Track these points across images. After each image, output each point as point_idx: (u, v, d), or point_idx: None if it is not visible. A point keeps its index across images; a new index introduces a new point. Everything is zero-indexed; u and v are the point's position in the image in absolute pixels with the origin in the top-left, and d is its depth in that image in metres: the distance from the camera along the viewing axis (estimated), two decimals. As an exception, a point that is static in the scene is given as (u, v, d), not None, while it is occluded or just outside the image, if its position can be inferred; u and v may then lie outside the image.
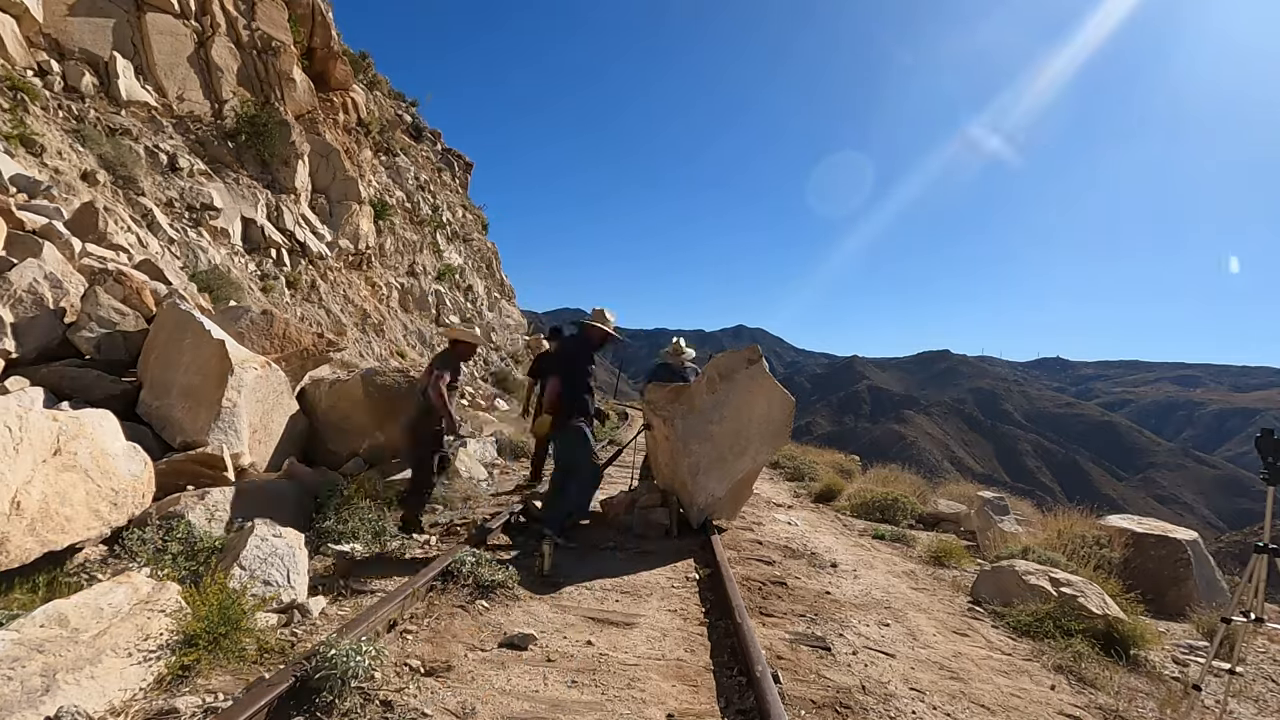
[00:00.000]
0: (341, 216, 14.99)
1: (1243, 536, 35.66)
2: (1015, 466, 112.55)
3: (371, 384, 6.23)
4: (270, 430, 5.54)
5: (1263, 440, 3.10)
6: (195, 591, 2.88)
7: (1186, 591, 5.48)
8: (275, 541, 3.48)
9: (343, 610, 3.50)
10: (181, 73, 11.71)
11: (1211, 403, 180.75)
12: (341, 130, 16.28)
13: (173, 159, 10.61)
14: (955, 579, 5.60)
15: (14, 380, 4.59)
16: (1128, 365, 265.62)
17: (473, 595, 3.79)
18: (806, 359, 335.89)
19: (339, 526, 4.53)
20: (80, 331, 5.19)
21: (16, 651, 2.31)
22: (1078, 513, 6.95)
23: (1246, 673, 4.06)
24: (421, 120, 23.94)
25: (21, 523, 3.12)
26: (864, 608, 4.44)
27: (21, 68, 9.12)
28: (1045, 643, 4.08)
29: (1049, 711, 3.15)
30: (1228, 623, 3.19)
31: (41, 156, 8.23)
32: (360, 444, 6.21)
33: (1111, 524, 6.25)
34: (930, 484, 10.77)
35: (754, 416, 5.94)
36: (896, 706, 2.96)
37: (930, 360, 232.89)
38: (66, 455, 3.43)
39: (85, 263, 6.10)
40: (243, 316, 6.14)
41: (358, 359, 12.34)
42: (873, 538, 7.09)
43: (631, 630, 3.60)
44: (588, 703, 2.73)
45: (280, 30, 13.91)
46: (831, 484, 9.99)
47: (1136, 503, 77.84)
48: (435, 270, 20.07)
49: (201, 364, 4.94)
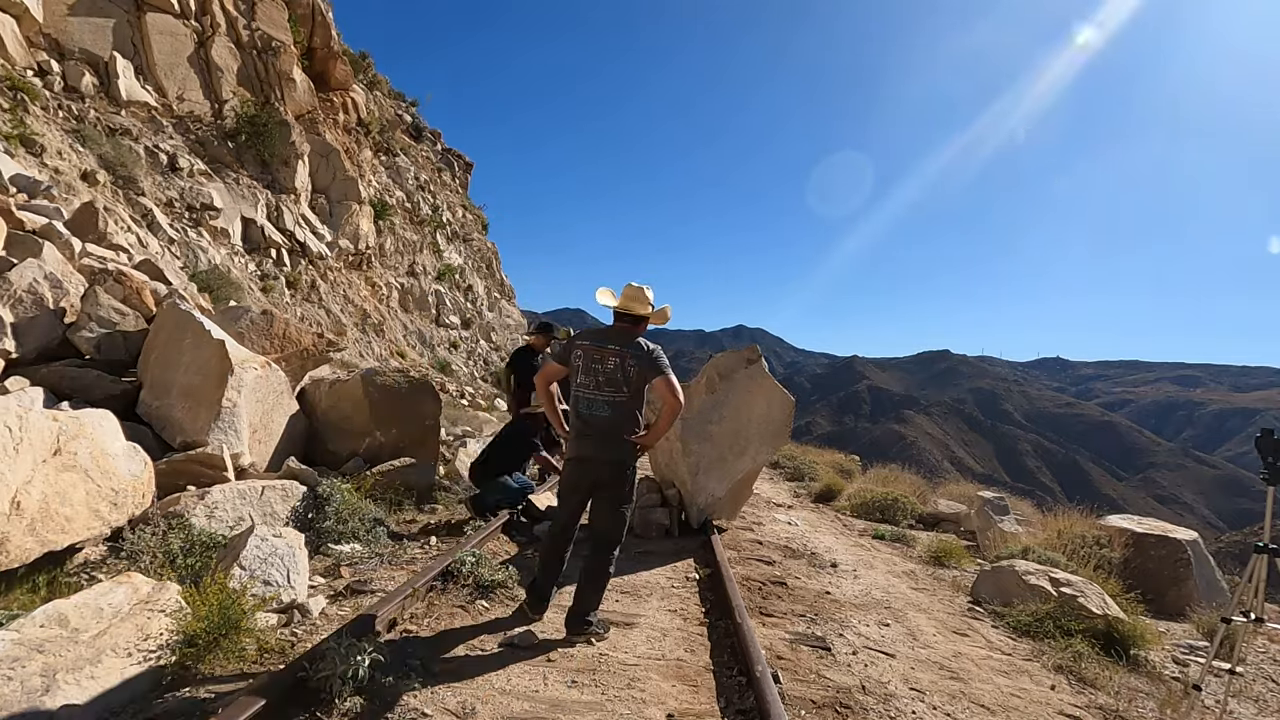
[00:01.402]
0: (341, 216, 14.99)
1: (1243, 536, 35.66)
2: (1015, 466, 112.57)
3: (371, 384, 6.23)
4: (270, 430, 5.54)
5: (1263, 440, 3.10)
6: (195, 591, 2.88)
7: (1186, 591, 5.48)
8: (275, 541, 3.48)
9: (343, 610, 3.50)
10: (181, 73, 11.71)
11: (1211, 403, 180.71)
12: (341, 130, 16.28)
13: (173, 159, 10.61)
14: (955, 579, 5.60)
15: (14, 380, 4.59)
16: (1128, 365, 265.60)
17: (473, 595, 3.79)
18: (806, 359, 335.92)
19: (339, 526, 4.53)
20: (80, 331, 5.19)
21: (16, 651, 2.31)
22: (1078, 513, 6.96)
23: (1246, 673, 4.06)
24: (421, 120, 23.93)
25: (21, 523, 3.12)
26: (864, 608, 4.44)
27: (21, 68, 9.13)
28: (1045, 643, 4.08)
29: (1049, 711, 3.15)
30: (1228, 623, 3.19)
31: (41, 156, 8.23)
32: (360, 444, 6.21)
33: (1111, 524, 6.25)
34: (930, 484, 10.78)
35: (753, 416, 5.94)
36: (896, 706, 2.96)
37: (930, 360, 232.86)
38: (66, 455, 3.43)
39: (85, 263, 6.10)
40: (243, 316, 6.14)
41: (358, 359, 12.34)
42: (873, 538, 7.09)
43: (631, 630, 3.60)
44: (588, 703, 2.73)
45: (280, 30, 13.91)
46: (831, 484, 10.00)
47: (1136, 503, 77.84)
48: (435, 270, 20.07)
49: (201, 364, 4.94)
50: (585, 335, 3.51)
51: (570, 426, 3.53)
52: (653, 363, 3.34)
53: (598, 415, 3.36)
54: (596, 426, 3.37)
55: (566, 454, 3.57)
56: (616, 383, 3.33)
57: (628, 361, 3.32)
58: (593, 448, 3.40)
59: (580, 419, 3.42)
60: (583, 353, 3.40)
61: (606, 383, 3.34)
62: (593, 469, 3.41)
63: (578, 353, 3.42)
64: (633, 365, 3.32)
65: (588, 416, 3.38)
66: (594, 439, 3.39)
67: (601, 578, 3.44)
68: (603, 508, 3.45)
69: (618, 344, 3.37)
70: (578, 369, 3.41)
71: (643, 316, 3.47)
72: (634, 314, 3.45)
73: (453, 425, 10.36)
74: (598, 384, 3.35)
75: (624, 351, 3.34)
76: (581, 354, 3.40)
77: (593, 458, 3.40)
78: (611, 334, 3.45)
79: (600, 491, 3.45)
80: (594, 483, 3.44)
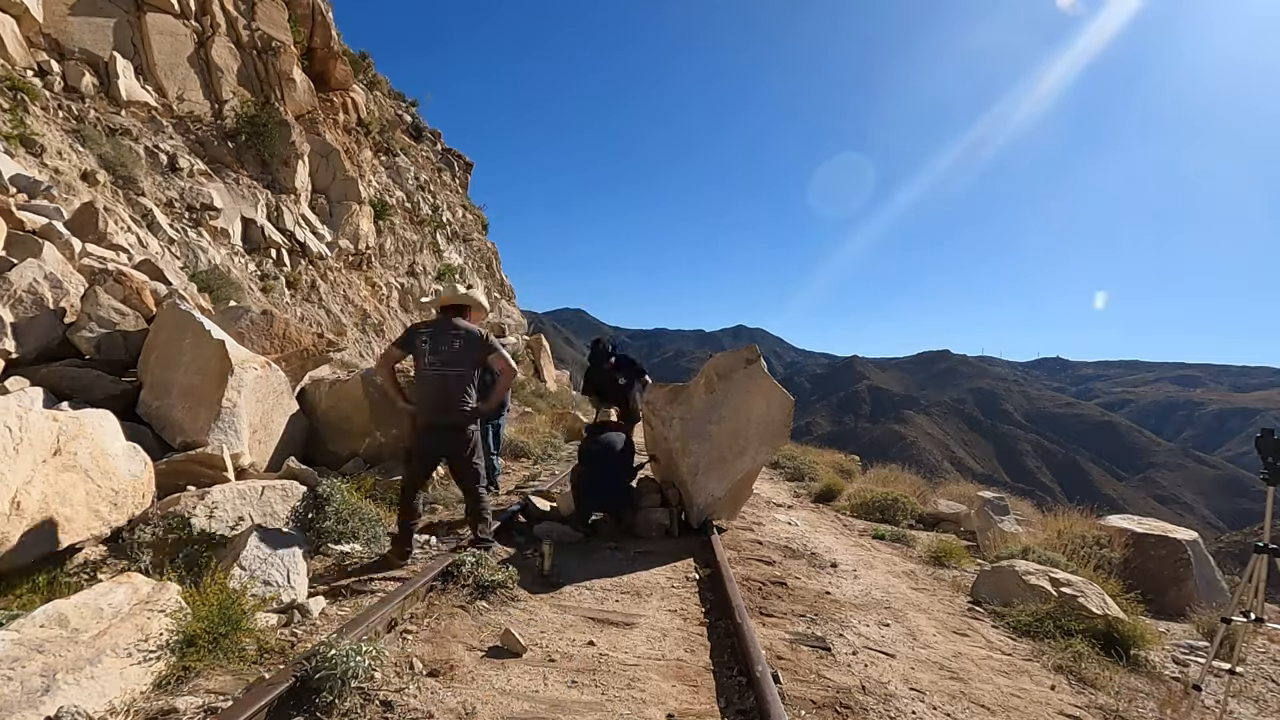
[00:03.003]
0: (341, 216, 14.98)
1: (1243, 536, 35.67)
2: (1015, 466, 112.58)
3: (371, 384, 6.23)
4: (270, 430, 5.54)
5: (1263, 440, 3.10)
6: (195, 592, 2.88)
7: (1186, 591, 5.48)
8: (275, 541, 3.48)
9: (343, 610, 3.50)
10: (181, 73, 11.70)
11: (1211, 403, 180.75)
12: (341, 130, 16.28)
13: (173, 159, 10.61)
14: (955, 579, 5.60)
15: (14, 380, 4.59)
16: (1128, 365, 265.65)
17: (473, 595, 3.79)
18: (806, 359, 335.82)
19: (339, 526, 4.53)
20: (80, 331, 5.19)
21: (16, 651, 2.31)
22: (1078, 513, 6.95)
23: (1246, 673, 4.06)
24: (421, 120, 23.93)
25: (21, 523, 3.12)
26: (864, 608, 4.44)
27: (21, 68, 9.12)
28: (1045, 643, 4.08)
29: (1049, 711, 3.15)
30: (1228, 623, 3.19)
31: (41, 156, 8.23)
32: (360, 444, 6.21)
33: (1111, 524, 6.25)
34: (930, 484, 10.77)
35: (753, 416, 5.94)
36: (896, 707, 2.96)
37: (930, 360, 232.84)
38: (66, 455, 3.43)
39: (85, 263, 6.09)
40: (243, 316, 6.14)
41: (358, 359, 12.34)
42: (873, 538, 7.09)
43: (631, 630, 3.60)
44: (588, 703, 2.73)
45: (280, 30, 13.91)
46: (831, 484, 9.99)
47: (1136, 503, 77.86)
48: (435, 270, 20.06)
49: (201, 364, 4.94)
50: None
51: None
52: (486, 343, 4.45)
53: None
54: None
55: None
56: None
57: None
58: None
59: None
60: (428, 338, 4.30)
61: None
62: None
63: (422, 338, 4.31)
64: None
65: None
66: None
67: None
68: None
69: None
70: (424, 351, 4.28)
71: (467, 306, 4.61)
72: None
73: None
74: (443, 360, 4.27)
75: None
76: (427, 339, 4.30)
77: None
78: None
79: None
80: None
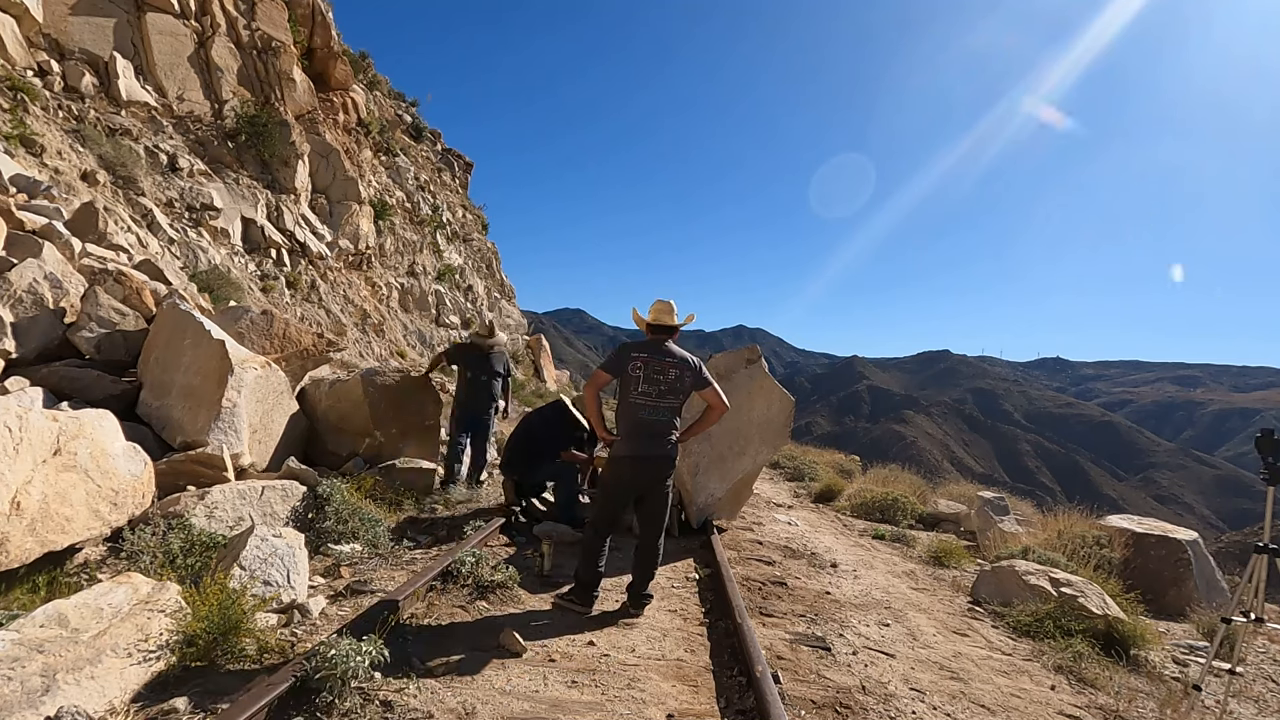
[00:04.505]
0: (341, 216, 14.98)
1: (1243, 536, 35.63)
2: (1015, 466, 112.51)
3: (371, 384, 6.23)
4: (270, 430, 5.54)
5: (1263, 440, 3.10)
6: (195, 592, 2.88)
7: (1186, 591, 5.48)
8: (275, 542, 3.48)
9: (343, 610, 3.50)
10: (181, 73, 11.70)
11: (1211, 403, 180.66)
12: (341, 130, 16.28)
13: (173, 159, 10.60)
14: (955, 579, 5.60)
15: (14, 380, 4.59)
16: (1128, 365, 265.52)
17: (473, 595, 3.79)
18: (806, 359, 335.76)
19: (339, 526, 4.53)
20: (80, 331, 5.19)
21: (16, 651, 2.31)
22: (1078, 513, 6.96)
23: (1246, 673, 4.06)
24: (421, 120, 23.91)
25: (21, 523, 3.12)
26: (864, 608, 4.44)
27: (21, 68, 9.12)
28: (1045, 643, 4.08)
29: (1049, 711, 3.15)
30: (1228, 623, 3.19)
31: (41, 156, 8.23)
32: (360, 444, 6.21)
33: (1111, 524, 6.25)
34: (930, 484, 10.78)
35: (753, 417, 5.94)
36: (896, 707, 2.96)
37: (930, 360, 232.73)
38: (66, 455, 3.43)
39: (85, 263, 6.09)
40: (243, 317, 6.14)
41: (358, 359, 12.33)
42: (873, 538, 7.09)
43: (631, 630, 3.60)
44: (588, 703, 2.73)
45: (280, 30, 13.91)
46: (831, 484, 10.00)
47: (1136, 503, 77.80)
48: (435, 270, 20.05)
49: (201, 364, 4.94)
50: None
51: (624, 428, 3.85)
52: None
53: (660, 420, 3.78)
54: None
55: (616, 453, 3.86)
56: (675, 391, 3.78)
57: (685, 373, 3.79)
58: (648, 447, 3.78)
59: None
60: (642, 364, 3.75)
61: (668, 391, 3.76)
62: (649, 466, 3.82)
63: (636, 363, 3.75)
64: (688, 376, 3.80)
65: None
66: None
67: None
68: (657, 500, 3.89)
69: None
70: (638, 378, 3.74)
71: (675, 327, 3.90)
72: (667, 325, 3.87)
73: (453, 425, 10.33)
74: (659, 392, 3.74)
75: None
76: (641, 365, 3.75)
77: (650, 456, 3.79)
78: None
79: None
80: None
